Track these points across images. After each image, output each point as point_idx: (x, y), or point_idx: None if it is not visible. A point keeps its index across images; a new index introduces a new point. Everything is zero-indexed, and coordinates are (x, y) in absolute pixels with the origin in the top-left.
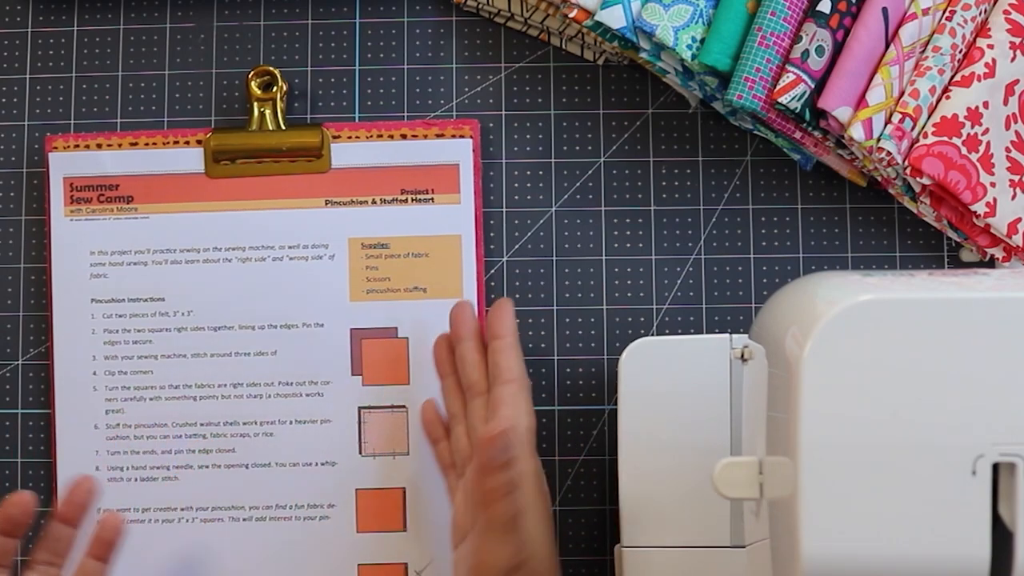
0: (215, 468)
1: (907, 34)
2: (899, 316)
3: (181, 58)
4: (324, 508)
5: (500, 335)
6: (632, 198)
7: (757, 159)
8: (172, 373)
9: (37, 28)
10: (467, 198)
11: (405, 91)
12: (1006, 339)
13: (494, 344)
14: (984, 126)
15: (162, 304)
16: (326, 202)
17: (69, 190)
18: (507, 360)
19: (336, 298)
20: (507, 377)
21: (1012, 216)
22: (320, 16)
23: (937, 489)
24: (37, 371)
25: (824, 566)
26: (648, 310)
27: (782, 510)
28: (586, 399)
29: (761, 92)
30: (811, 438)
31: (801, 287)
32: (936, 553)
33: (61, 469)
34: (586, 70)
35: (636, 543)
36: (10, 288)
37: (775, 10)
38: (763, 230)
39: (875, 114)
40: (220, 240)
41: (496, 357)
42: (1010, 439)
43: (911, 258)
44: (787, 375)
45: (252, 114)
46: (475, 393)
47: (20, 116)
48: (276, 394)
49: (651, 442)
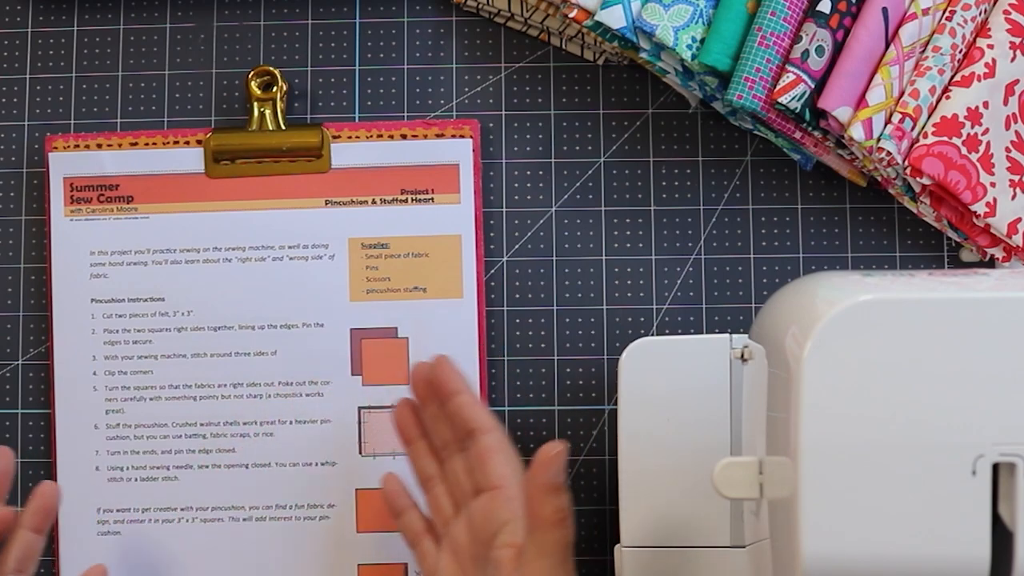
0: (215, 468)
1: (907, 34)
2: (899, 316)
3: (181, 58)
4: (324, 508)
5: (459, 391)
6: (632, 198)
7: (757, 159)
8: (172, 373)
9: (37, 28)
10: (467, 198)
11: (405, 91)
12: (1006, 339)
13: (457, 401)
14: (984, 126)
15: (162, 304)
16: (326, 202)
17: (69, 190)
18: (476, 412)
19: (336, 298)
20: (485, 428)
21: (1012, 216)
22: (320, 16)
23: (937, 489)
24: (37, 371)
25: (824, 566)
26: (648, 310)
27: (782, 510)
28: (586, 399)
29: (761, 92)
30: (811, 438)
31: (801, 287)
32: (936, 553)
33: (61, 469)
34: (586, 70)
35: (636, 543)
36: (10, 288)
37: (775, 10)
38: (763, 230)
39: (875, 114)
40: (220, 240)
41: (466, 412)
42: (1010, 439)
43: (911, 258)
44: (787, 375)
45: (252, 114)
46: (453, 451)
47: (20, 116)
48: (276, 394)
49: (651, 442)
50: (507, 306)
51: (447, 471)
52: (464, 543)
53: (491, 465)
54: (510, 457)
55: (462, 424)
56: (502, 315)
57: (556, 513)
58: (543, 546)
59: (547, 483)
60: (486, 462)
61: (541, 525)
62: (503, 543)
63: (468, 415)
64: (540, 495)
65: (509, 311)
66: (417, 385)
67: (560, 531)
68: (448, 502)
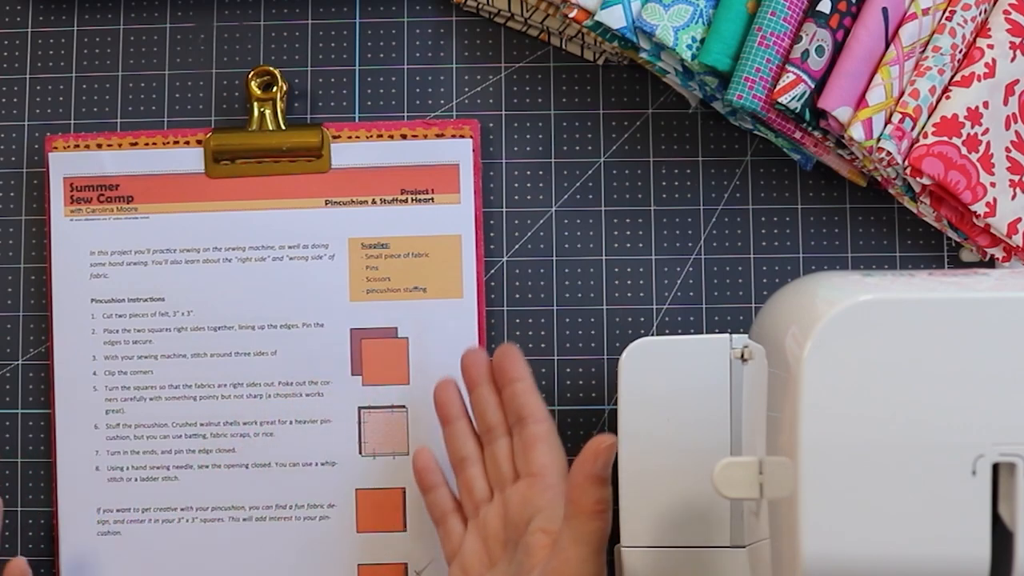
0: (215, 468)
1: (907, 34)
2: (899, 316)
3: (181, 58)
4: (324, 508)
5: (520, 377)
6: (632, 198)
7: (757, 159)
8: (172, 373)
9: (37, 28)
10: (467, 198)
11: (405, 91)
12: (1006, 339)
13: (516, 387)
14: (984, 126)
15: (162, 304)
16: (326, 202)
17: (69, 190)
18: (534, 401)
19: (336, 298)
20: (538, 417)
21: (1012, 216)
22: (320, 16)
23: (937, 489)
24: (37, 371)
25: (824, 566)
26: (648, 310)
27: (782, 510)
28: (586, 399)
29: (761, 92)
30: (811, 438)
31: (801, 287)
32: (936, 553)
33: (61, 469)
34: (586, 70)
35: (636, 543)
36: (10, 288)
37: (775, 10)
38: (763, 230)
39: (875, 114)
40: (220, 240)
41: (521, 399)
42: (1010, 439)
43: (911, 258)
44: (787, 375)
45: (252, 114)
46: (499, 434)
47: (20, 116)
48: (276, 394)
49: (651, 442)
50: (507, 306)
51: (488, 454)
52: (495, 527)
53: (536, 452)
54: (555, 448)
55: (516, 410)
56: (502, 315)
57: (598, 504)
58: (580, 534)
59: (593, 473)
60: (531, 448)
61: (581, 513)
62: (537, 528)
63: (524, 401)
64: (585, 484)
65: (509, 311)
66: (469, 368)
67: (599, 522)
68: (483, 484)
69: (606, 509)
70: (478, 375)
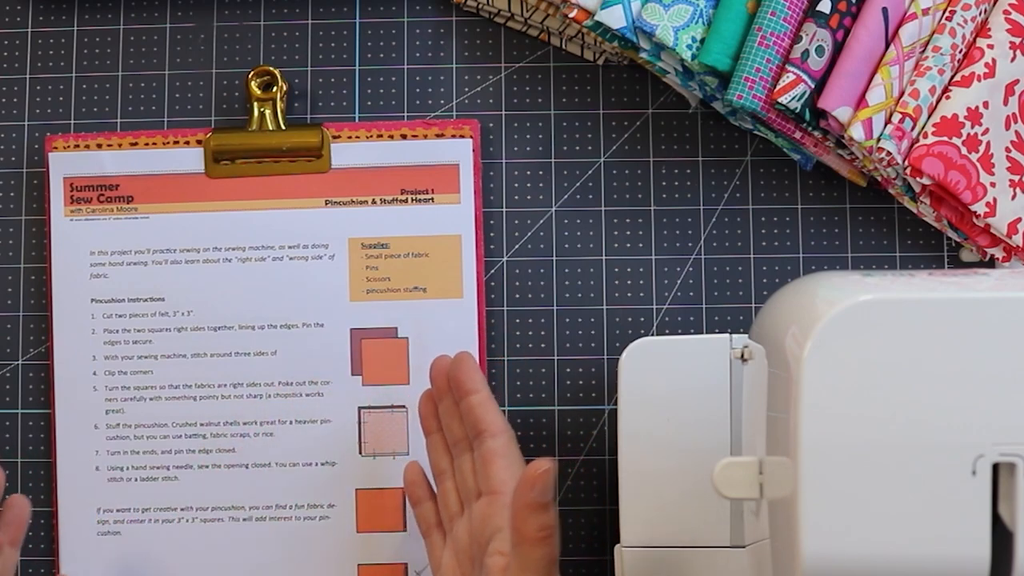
0: (215, 468)
1: (907, 34)
2: (899, 316)
3: (181, 58)
4: (324, 508)
5: (474, 390)
6: (632, 198)
7: (757, 159)
8: (172, 373)
9: (37, 28)
10: (467, 198)
11: (405, 91)
12: (1006, 339)
13: (471, 400)
14: (984, 126)
15: (162, 304)
16: (326, 202)
17: (69, 190)
18: (488, 413)
19: (336, 298)
20: (494, 431)
21: (1012, 216)
22: (320, 16)
23: (937, 489)
24: (37, 371)
25: (824, 566)
26: (648, 310)
27: (782, 510)
28: (586, 399)
29: (761, 92)
30: (811, 438)
31: (801, 287)
32: (936, 553)
33: (61, 469)
34: (586, 70)
35: (636, 543)
36: (10, 288)
37: (775, 10)
38: (763, 230)
39: (875, 114)
40: (220, 240)
41: (477, 412)
42: (1010, 439)
43: (911, 258)
44: (787, 375)
45: (252, 114)
46: (463, 448)
47: (20, 116)
48: (276, 394)
49: (651, 442)
50: (507, 306)
51: (456, 468)
52: (465, 543)
53: (493, 469)
54: (514, 463)
55: (473, 424)
56: (502, 315)
57: (540, 531)
58: (528, 562)
59: (533, 501)
60: (489, 465)
61: (525, 541)
62: (495, 550)
63: (479, 415)
64: (525, 512)
65: (509, 311)
66: (435, 378)
67: (544, 548)
68: (455, 499)
69: (551, 535)
70: (444, 385)
